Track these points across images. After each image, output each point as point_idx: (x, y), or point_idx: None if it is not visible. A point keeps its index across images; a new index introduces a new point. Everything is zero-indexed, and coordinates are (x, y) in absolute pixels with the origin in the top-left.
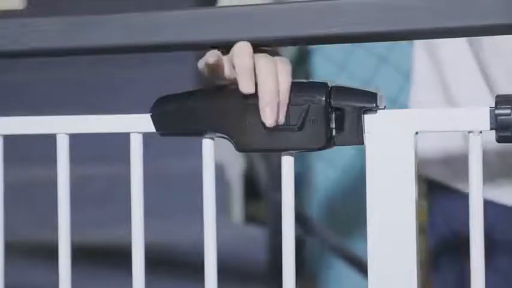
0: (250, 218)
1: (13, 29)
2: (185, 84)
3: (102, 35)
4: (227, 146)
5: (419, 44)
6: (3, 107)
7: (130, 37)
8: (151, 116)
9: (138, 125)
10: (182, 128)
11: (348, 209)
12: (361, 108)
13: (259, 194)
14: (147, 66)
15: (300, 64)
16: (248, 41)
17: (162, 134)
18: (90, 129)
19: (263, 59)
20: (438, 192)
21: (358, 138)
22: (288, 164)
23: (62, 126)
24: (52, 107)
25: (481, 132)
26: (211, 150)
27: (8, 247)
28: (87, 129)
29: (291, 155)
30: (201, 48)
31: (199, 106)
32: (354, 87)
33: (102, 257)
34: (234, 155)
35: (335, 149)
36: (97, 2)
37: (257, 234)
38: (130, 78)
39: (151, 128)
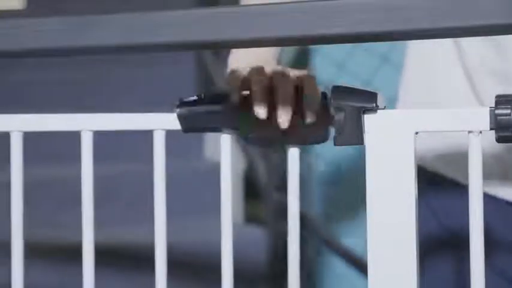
0: (250, 218)
1: (13, 28)
2: (185, 84)
3: (102, 35)
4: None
5: (411, 45)
6: (4, 107)
7: (130, 37)
8: (176, 114)
9: (162, 122)
10: (203, 126)
11: (348, 208)
12: (361, 108)
13: (259, 194)
14: (147, 66)
15: (300, 64)
16: (248, 40)
17: (185, 131)
18: (115, 126)
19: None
20: (427, 188)
21: (358, 138)
22: (294, 157)
23: (87, 123)
24: (51, 107)
25: (480, 132)
26: (229, 146)
27: (6, 247)
28: (112, 127)
29: (298, 148)
30: (202, 48)
31: (218, 106)
32: (354, 87)
33: (106, 256)
34: (235, 155)
35: (335, 147)
36: (97, 1)
37: (257, 234)
38: (130, 78)
39: (175, 125)
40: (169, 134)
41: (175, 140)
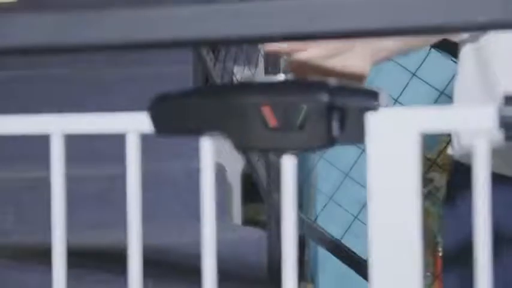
0: (250, 220)
1: (4, 24)
2: (182, 82)
3: (97, 31)
4: (227, 147)
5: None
6: None
7: (126, 34)
8: (149, 114)
9: (135, 124)
10: (181, 127)
11: (350, 210)
12: (362, 107)
13: (259, 195)
14: (143, 64)
15: None
16: (248, 37)
17: (159, 134)
18: (85, 129)
19: None
20: (462, 188)
21: (359, 138)
22: (288, 164)
23: (57, 125)
24: (44, 105)
25: (488, 131)
26: (211, 149)
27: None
28: (82, 130)
29: (293, 154)
30: (201, 44)
31: (198, 104)
32: (356, 85)
33: (96, 259)
34: (234, 156)
35: (337, 149)
36: None
37: (257, 235)
38: (126, 77)
39: (148, 127)
40: None
41: (175, 140)
